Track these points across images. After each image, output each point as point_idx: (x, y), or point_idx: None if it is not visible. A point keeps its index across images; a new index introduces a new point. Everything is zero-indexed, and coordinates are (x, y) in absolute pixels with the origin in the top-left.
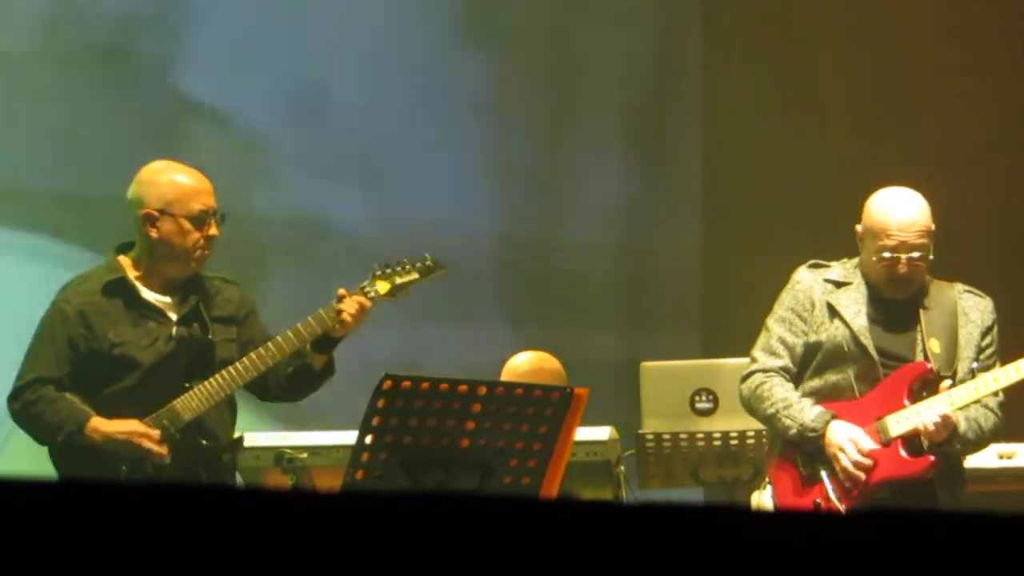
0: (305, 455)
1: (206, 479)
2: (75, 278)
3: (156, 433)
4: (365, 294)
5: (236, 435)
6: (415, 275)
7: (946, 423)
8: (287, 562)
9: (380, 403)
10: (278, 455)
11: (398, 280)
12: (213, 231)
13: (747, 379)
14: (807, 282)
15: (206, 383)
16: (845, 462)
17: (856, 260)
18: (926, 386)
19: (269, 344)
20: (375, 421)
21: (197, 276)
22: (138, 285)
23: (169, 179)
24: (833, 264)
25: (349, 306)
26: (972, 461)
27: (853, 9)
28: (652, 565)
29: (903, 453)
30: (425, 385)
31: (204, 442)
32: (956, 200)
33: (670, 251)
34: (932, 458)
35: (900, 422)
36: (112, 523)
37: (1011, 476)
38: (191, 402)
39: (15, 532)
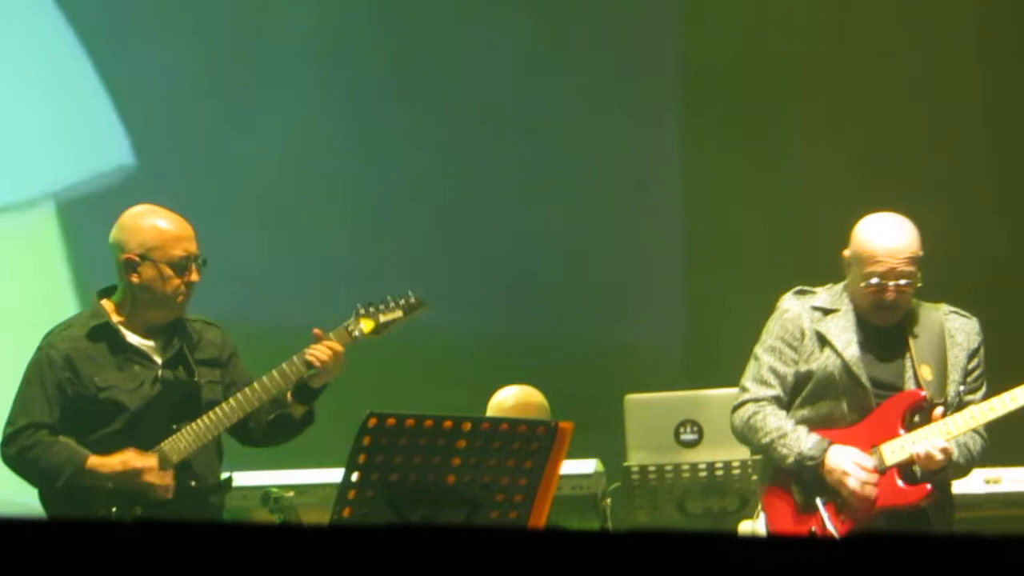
0: (292, 494)
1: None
2: (59, 324)
3: (154, 461)
4: (349, 333)
5: (224, 476)
6: (399, 313)
7: (945, 454)
8: None
9: (365, 440)
10: (265, 494)
11: (382, 318)
12: (194, 277)
13: (738, 409)
14: (795, 310)
15: (193, 424)
16: (853, 484)
17: (842, 285)
18: (919, 413)
19: (255, 385)
20: (361, 459)
21: (180, 319)
22: (122, 329)
23: (151, 224)
24: (819, 290)
25: (319, 351)
26: (959, 487)
27: (833, 32)
28: None
29: (899, 482)
30: (410, 422)
31: (192, 483)
32: (940, 221)
33: (653, 279)
34: (929, 487)
35: (895, 451)
36: (103, 562)
37: (999, 502)
38: (179, 444)
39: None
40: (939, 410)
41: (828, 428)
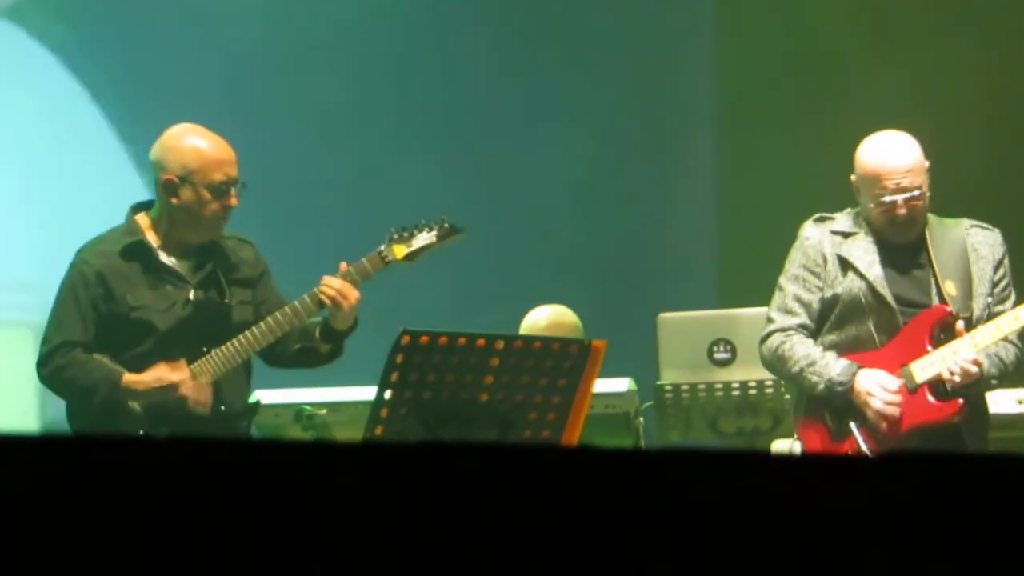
0: (324, 411)
1: None
2: (92, 239)
3: (187, 374)
4: (383, 258)
5: (252, 399)
6: (433, 238)
7: (976, 366)
8: (307, 513)
9: (399, 358)
10: (297, 412)
11: (415, 244)
12: (232, 201)
13: (766, 340)
14: (815, 237)
15: (223, 348)
16: (877, 404)
17: (859, 210)
18: (946, 329)
19: (286, 309)
20: (394, 376)
21: (215, 239)
22: (156, 248)
23: (192, 146)
24: (838, 215)
25: (330, 291)
26: (992, 407)
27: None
28: (673, 511)
29: (930, 398)
30: (443, 340)
31: (222, 407)
32: (957, 140)
33: (685, 205)
34: (961, 401)
35: (925, 368)
36: (130, 478)
37: None
38: (208, 366)
39: (29, 487)
40: (960, 324)
41: (857, 351)
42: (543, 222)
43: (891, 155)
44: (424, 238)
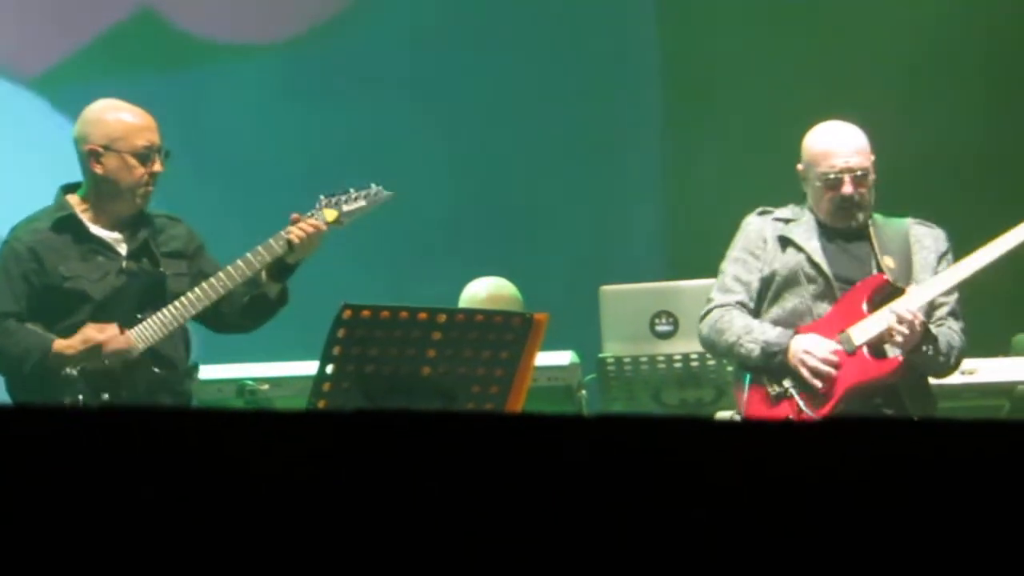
0: (267, 386)
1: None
2: (25, 219)
3: (113, 330)
4: (314, 219)
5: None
6: (362, 203)
7: (916, 320)
8: (255, 483)
9: (340, 332)
10: (240, 386)
11: (345, 208)
12: (157, 167)
13: (705, 317)
14: (757, 224)
15: (159, 313)
16: (812, 362)
17: (803, 203)
18: (884, 297)
19: (220, 273)
20: (336, 351)
21: (144, 213)
22: (86, 221)
23: (114, 116)
24: (780, 208)
25: (299, 229)
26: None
27: None
28: (618, 480)
29: (868, 357)
30: (385, 314)
31: (157, 370)
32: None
33: (630, 174)
34: (899, 358)
35: (863, 331)
36: (76, 447)
37: (975, 391)
38: (144, 332)
39: None
40: (912, 287)
41: (796, 324)
42: (484, 190)
43: (839, 136)
44: (353, 203)
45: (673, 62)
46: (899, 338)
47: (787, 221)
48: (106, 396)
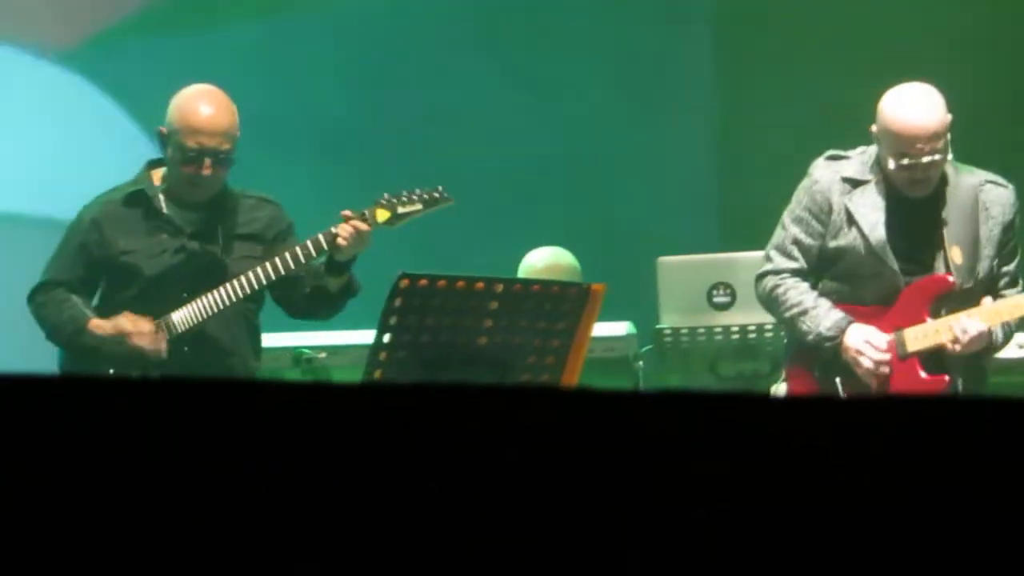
0: (323, 355)
1: None
2: (106, 190)
3: (148, 326)
4: (364, 219)
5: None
6: (418, 206)
7: (981, 339)
8: (304, 453)
9: (397, 302)
10: (296, 355)
11: (399, 210)
12: (204, 171)
13: (761, 280)
14: (824, 181)
15: (204, 296)
16: (867, 363)
17: (874, 151)
18: (947, 301)
19: (266, 263)
20: (392, 320)
21: (226, 193)
22: (159, 197)
23: (187, 105)
24: (851, 155)
25: (344, 230)
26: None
27: None
28: (671, 452)
29: (920, 372)
30: (442, 283)
31: (187, 350)
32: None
33: (686, 146)
34: (947, 378)
35: (918, 338)
36: (121, 417)
37: None
38: (186, 313)
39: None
40: (988, 299)
41: (854, 305)
42: (543, 163)
43: (917, 116)
44: (409, 205)
45: (727, 28)
46: (959, 351)
47: (855, 183)
48: (136, 373)
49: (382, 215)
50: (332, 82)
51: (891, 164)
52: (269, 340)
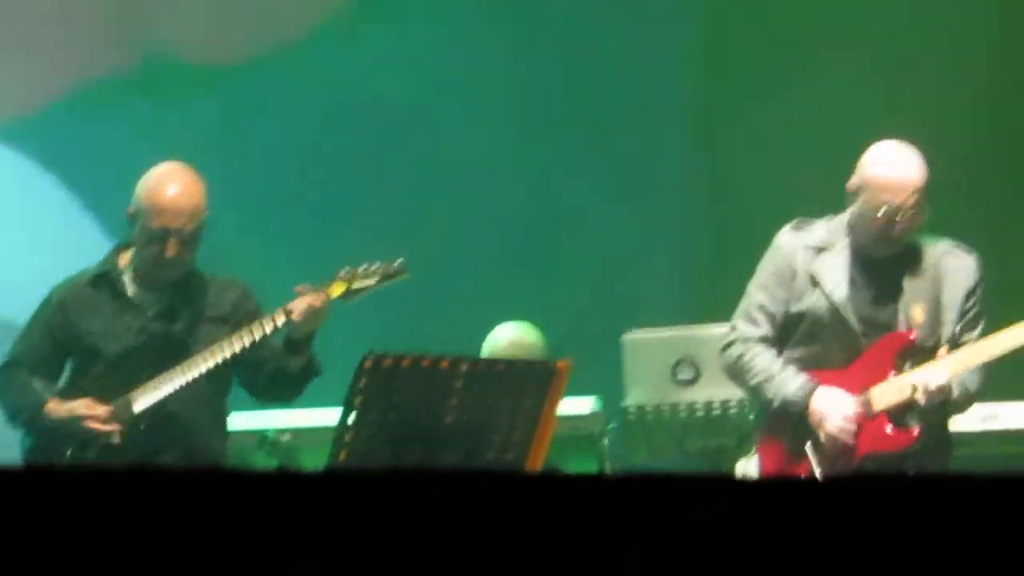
0: (289, 436)
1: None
2: (76, 273)
3: (102, 411)
4: (319, 294)
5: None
6: (375, 279)
7: (941, 392)
8: (273, 542)
9: (362, 382)
10: (262, 437)
11: (355, 284)
12: (170, 251)
13: (727, 348)
14: (788, 248)
15: (161, 376)
16: (831, 429)
17: (842, 218)
18: (910, 356)
19: (222, 341)
20: (358, 400)
21: (193, 275)
22: (123, 279)
23: (152, 185)
24: (817, 223)
25: (298, 305)
26: (956, 425)
27: None
28: (639, 536)
29: (887, 428)
30: (407, 362)
31: (143, 428)
32: (946, 155)
33: (651, 216)
34: (915, 432)
35: (884, 395)
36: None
37: (995, 439)
38: (145, 391)
39: None
40: (942, 350)
41: (820, 368)
42: (506, 235)
43: (903, 170)
44: (366, 279)
45: (696, 101)
46: (923, 405)
47: (819, 249)
48: (92, 454)
49: (337, 289)
50: (296, 154)
51: (871, 217)
52: (235, 422)
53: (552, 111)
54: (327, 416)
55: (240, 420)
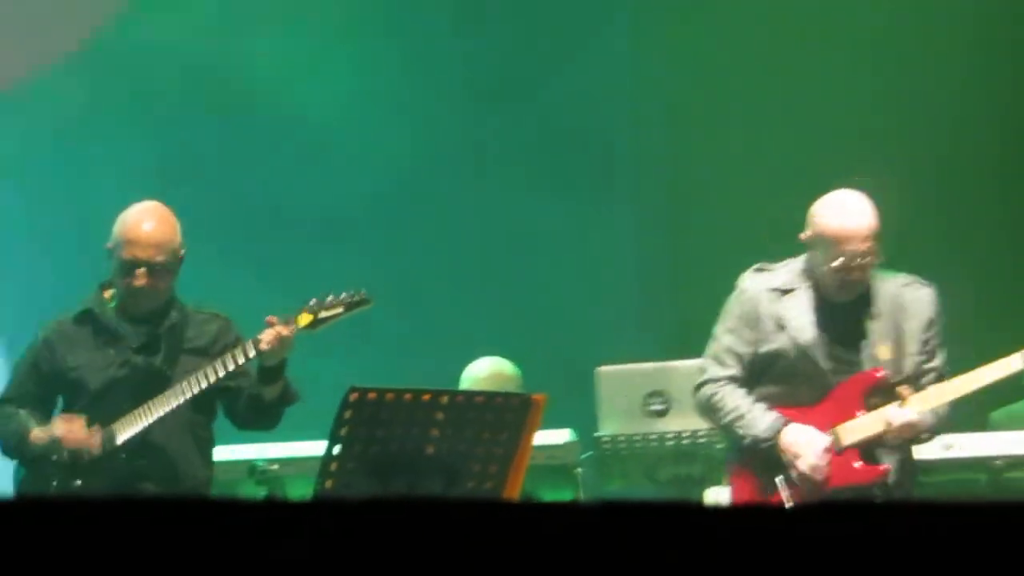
0: (276, 466)
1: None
2: (63, 311)
3: (79, 426)
4: (287, 324)
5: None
6: (339, 309)
7: (911, 428)
8: (260, 570)
9: (347, 414)
10: (251, 467)
11: (321, 314)
12: (138, 281)
13: (699, 389)
14: (752, 291)
15: (142, 407)
16: (802, 465)
17: (801, 262)
18: (877, 393)
19: (199, 372)
20: (343, 432)
21: (175, 308)
22: (108, 314)
23: (125, 220)
24: (777, 268)
25: (267, 335)
26: (919, 453)
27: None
28: (612, 563)
29: (856, 462)
30: (390, 396)
31: (124, 457)
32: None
33: (621, 257)
34: (883, 467)
35: (853, 431)
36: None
37: (953, 466)
38: (125, 423)
39: None
40: (908, 389)
41: (790, 406)
42: (485, 273)
43: (853, 219)
44: (332, 309)
45: (655, 153)
46: (893, 441)
47: (783, 292)
48: (79, 483)
49: (304, 319)
50: (275, 188)
51: (827, 267)
52: (224, 453)
53: (519, 160)
54: (313, 447)
55: (229, 451)
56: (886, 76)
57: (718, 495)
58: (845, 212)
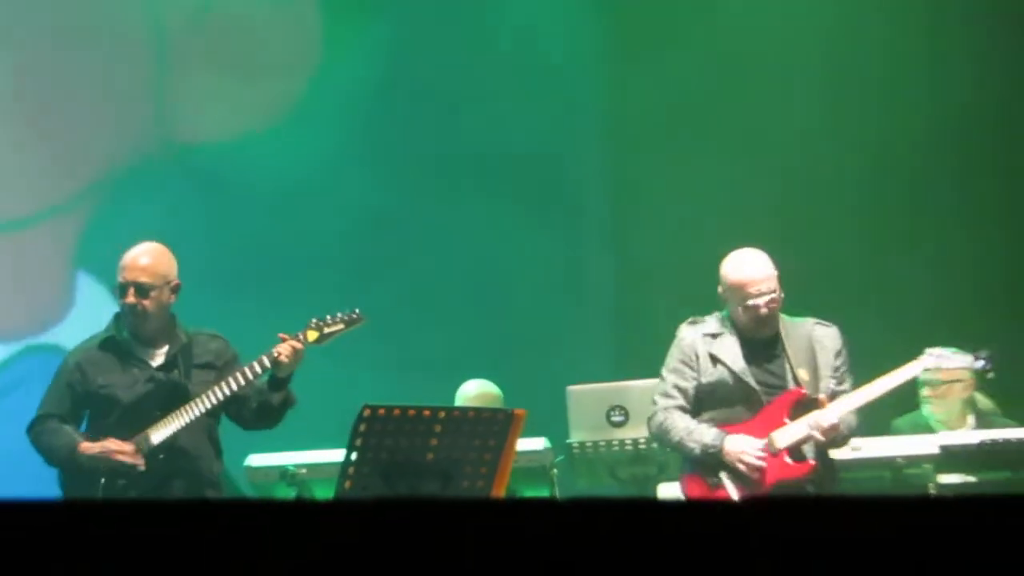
0: (305, 471)
1: (182, 491)
2: (86, 338)
3: (129, 447)
4: (298, 339)
5: (247, 461)
6: (340, 326)
7: (833, 429)
8: (289, 562)
9: (362, 427)
10: (283, 472)
11: (326, 330)
12: (128, 300)
13: (653, 418)
14: (689, 338)
15: (172, 414)
16: (748, 460)
17: (722, 313)
18: (801, 406)
19: (222, 383)
20: (358, 442)
21: (182, 332)
22: (128, 339)
23: (125, 254)
24: (707, 318)
25: (283, 348)
26: (834, 454)
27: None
28: (583, 549)
29: (788, 460)
30: (397, 411)
31: (162, 457)
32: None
33: (587, 290)
34: (811, 463)
35: (784, 437)
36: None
37: (862, 465)
38: (159, 428)
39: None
40: (823, 396)
41: (730, 424)
42: (476, 317)
43: (752, 268)
44: (334, 326)
45: (619, 182)
46: (820, 440)
47: (714, 336)
48: (123, 481)
49: (312, 335)
50: (264, 225)
51: (740, 310)
52: (261, 460)
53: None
54: (334, 455)
55: (265, 458)
56: (825, 102)
57: (669, 491)
58: (744, 264)
